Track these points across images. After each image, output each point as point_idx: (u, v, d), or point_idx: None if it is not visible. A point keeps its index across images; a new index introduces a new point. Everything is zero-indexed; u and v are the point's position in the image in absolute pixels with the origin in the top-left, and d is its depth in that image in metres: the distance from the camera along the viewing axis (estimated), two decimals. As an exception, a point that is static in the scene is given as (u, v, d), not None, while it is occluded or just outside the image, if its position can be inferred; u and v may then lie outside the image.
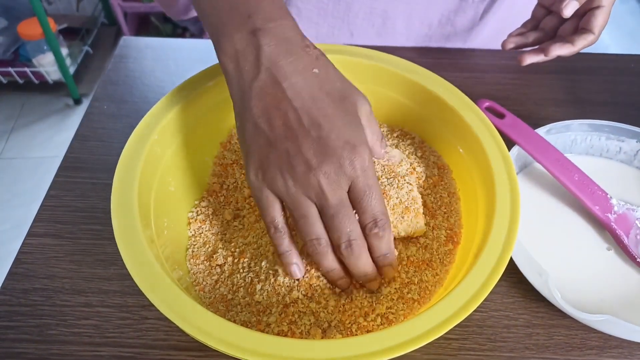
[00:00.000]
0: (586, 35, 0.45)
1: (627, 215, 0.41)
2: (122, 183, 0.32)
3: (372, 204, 0.30)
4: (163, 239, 0.34)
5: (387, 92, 0.42)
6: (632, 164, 0.46)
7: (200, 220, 0.38)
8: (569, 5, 0.43)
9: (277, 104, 0.29)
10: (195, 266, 0.36)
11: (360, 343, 0.26)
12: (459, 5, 0.56)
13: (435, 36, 0.60)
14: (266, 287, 0.33)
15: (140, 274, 0.28)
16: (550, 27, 0.49)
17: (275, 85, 0.29)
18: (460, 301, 0.28)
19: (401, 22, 0.58)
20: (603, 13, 0.44)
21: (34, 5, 1.30)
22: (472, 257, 0.32)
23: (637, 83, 0.56)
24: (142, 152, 0.34)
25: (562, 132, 0.44)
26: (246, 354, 0.25)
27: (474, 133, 0.36)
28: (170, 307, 0.27)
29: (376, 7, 0.56)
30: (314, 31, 0.60)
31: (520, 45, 0.49)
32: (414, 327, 0.27)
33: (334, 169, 0.29)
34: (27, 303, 0.37)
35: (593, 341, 0.36)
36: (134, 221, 0.31)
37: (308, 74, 0.30)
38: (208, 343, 0.26)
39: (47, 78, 1.55)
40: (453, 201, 0.39)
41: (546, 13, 0.49)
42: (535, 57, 0.46)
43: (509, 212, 0.32)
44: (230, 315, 0.33)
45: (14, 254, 0.39)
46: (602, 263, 0.40)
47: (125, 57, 0.57)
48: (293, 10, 0.58)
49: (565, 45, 0.45)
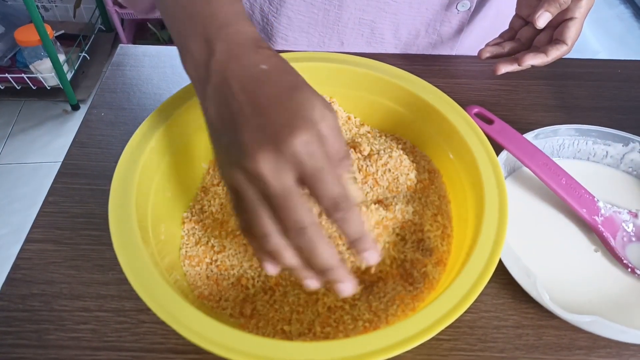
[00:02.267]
0: (559, 46, 0.47)
1: (614, 217, 0.42)
2: (119, 191, 0.33)
3: (327, 188, 0.27)
4: (160, 244, 0.35)
5: (380, 99, 0.43)
6: (618, 167, 0.47)
7: (195, 221, 0.39)
8: (542, 16, 0.45)
9: (225, 101, 0.29)
10: (191, 268, 0.37)
11: (351, 345, 0.27)
12: (444, 15, 0.57)
13: (422, 44, 0.61)
14: (258, 283, 0.34)
15: (138, 281, 0.29)
16: (526, 38, 0.50)
17: (224, 85, 0.29)
18: (450, 303, 0.29)
19: (389, 32, 0.59)
20: (576, 24, 0.46)
21: (31, 12, 1.31)
22: (463, 259, 0.33)
23: (623, 88, 0.57)
24: (139, 160, 0.35)
25: (550, 137, 0.45)
26: (241, 356, 0.26)
27: (463, 138, 0.37)
28: (168, 312, 0.28)
29: (365, 18, 0.58)
30: (305, 40, 0.61)
31: (496, 54, 0.51)
32: (405, 328, 0.28)
33: (273, 154, 0.26)
34: (25, 308, 0.37)
35: (582, 341, 0.37)
36: (131, 228, 0.31)
37: (255, 69, 0.29)
38: (207, 348, 0.27)
39: (45, 84, 1.55)
40: (443, 204, 0.40)
41: (523, 24, 0.51)
42: (510, 67, 0.48)
43: (497, 216, 0.33)
44: (224, 312, 0.34)
45: (12, 259, 0.40)
46: (590, 265, 0.41)
47: (122, 65, 0.58)
48: (284, 20, 0.59)
49: (539, 55, 0.47)
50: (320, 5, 0.57)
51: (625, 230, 0.41)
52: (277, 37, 0.61)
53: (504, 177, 0.35)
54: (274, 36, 0.62)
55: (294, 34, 0.61)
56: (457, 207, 0.39)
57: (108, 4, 1.61)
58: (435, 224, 0.38)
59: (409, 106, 0.42)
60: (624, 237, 0.41)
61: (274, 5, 0.58)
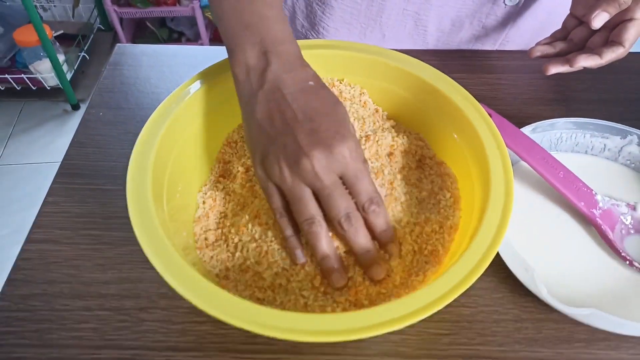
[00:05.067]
0: (615, 48, 0.44)
1: (612, 210, 0.42)
2: (137, 162, 0.34)
3: (365, 186, 0.33)
4: (174, 202, 0.36)
5: (390, 86, 0.44)
6: (616, 160, 0.47)
7: (212, 197, 0.40)
8: (599, 16, 0.43)
9: (278, 106, 0.34)
10: (202, 233, 0.38)
11: (359, 317, 0.27)
12: (490, 8, 0.56)
13: (466, 37, 0.60)
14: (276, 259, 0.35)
15: (146, 239, 0.30)
16: (579, 38, 0.48)
17: (277, 92, 0.34)
18: (444, 288, 0.29)
19: (432, 24, 0.58)
20: (636, 25, 0.44)
21: (30, 12, 1.31)
22: (466, 244, 0.32)
23: (621, 81, 0.57)
24: (166, 120, 0.37)
25: (548, 131, 0.45)
26: (250, 325, 0.27)
27: (471, 123, 0.38)
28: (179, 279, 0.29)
29: (408, 9, 0.57)
30: (346, 31, 0.60)
31: (546, 54, 0.49)
32: (405, 305, 0.28)
33: (325, 154, 0.32)
34: (26, 308, 0.38)
35: (581, 334, 0.37)
36: (146, 186, 0.33)
37: (305, 84, 0.35)
38: (231, 322, 0.27)
39: (44, 84, 1.56)
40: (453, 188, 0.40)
41: (577, 24, 0.49)
42: (561, 67, 0.46)
43: (502, 205, 0.32)
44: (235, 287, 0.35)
45: (12, 259, 0.40)
46: (588, 258, 0.41)
47: (120, 65, 0.58)
48: (327, 9, 0.59)
49: (592, 56, 0.44)
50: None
51: (623, 223, 0.42)
52: (319, 27, 0.61)
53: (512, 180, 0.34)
54: (316, 25, 0.61)
55: (335, 24, 0.60)
56: (464, 194, 0.39)
57: (107, 3, 1.60)
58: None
59: (415, 92, 0.42)
60: (622, 230, 0.41)
61: None
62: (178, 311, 0.37)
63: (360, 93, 0.45)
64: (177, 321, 0.37)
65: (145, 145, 0.35)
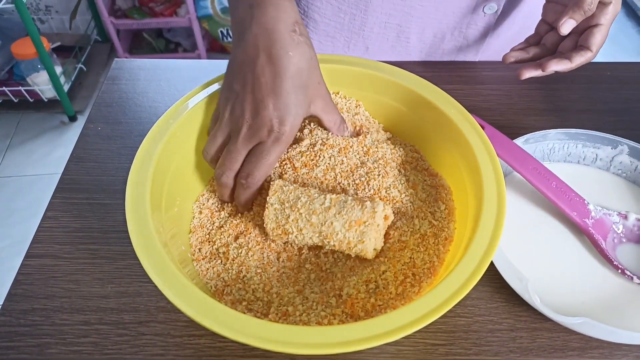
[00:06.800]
0: (584, 52, 0.46)
1: (604, 220, 0.42)
2: (137, 168, 0.36)
3: (258, 166, 0.37)
4: (170, 213, 0.37)
5: (385, 99, 0.44)
6: (608, 170, 0.48)
7: (208, 207, 0.41)
8: (566, 23, 0.45)
9: (251, 60, 0.35)
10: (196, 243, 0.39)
11: (349, 330, 0.28)
12: (470, 18, 0.57)
13: (448, 48, 0.61)
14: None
15: (144, 251, 0.31)
16: (551, 43, 0.50)
17: (255, 49, 0.35)
18: (439, 299, 0.29)
19: (414, 36, 0.60)
20: (601, 31, 0.46)
21: (27, 25, 1.31)
22: (460, 255, 0.33)
23: (613, 90, 0.58)
24: (164, 136, 0.38)
25: (540, 142, 0.46)
26: (247, 338, 0.28)
27: (464, 135, 0.38)
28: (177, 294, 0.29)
29: (390, 22, 0.58)
30: (329, 44, 0.62)
31: (520, 59, 0.50)
32: (393, 319, 0.28)
33: (258, 127, 0.35)
34: (26, 323, 0.38)
35: (574, 343, 0.37)
36: (144, 200, 0.34)
37: (282, 52, 0.35)
38: (229, 336, 0.28)
39: (42, 96, 1.56)
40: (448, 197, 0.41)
41: (549, 29, 0.51)
42: (534, 72, 0.48)
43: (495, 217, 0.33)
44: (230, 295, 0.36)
45: (13, 271, 0.41)
46: (581, 267, 0.41)
47: (117, 79, 0.59)
48: (310, 23, 0.60)
49: (563, 61, 0.47)
50: (347, 10, 0.57)
51: (615, 232, 0.42)
52: None
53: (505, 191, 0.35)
54: None
55: (318, 37, 0.61)
56: (459, 204, 0.40)
57: (104, 15, 1.62)
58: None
59: (411, 105, 0.43)
60: (615, 239, 0.42)
61: (301, 7, 0.59)
62: (176, 324, 0.38)
63: (356, 105, 0.45)
64: (175, 334, 0.37)
65: (144, 161, 0.36)
